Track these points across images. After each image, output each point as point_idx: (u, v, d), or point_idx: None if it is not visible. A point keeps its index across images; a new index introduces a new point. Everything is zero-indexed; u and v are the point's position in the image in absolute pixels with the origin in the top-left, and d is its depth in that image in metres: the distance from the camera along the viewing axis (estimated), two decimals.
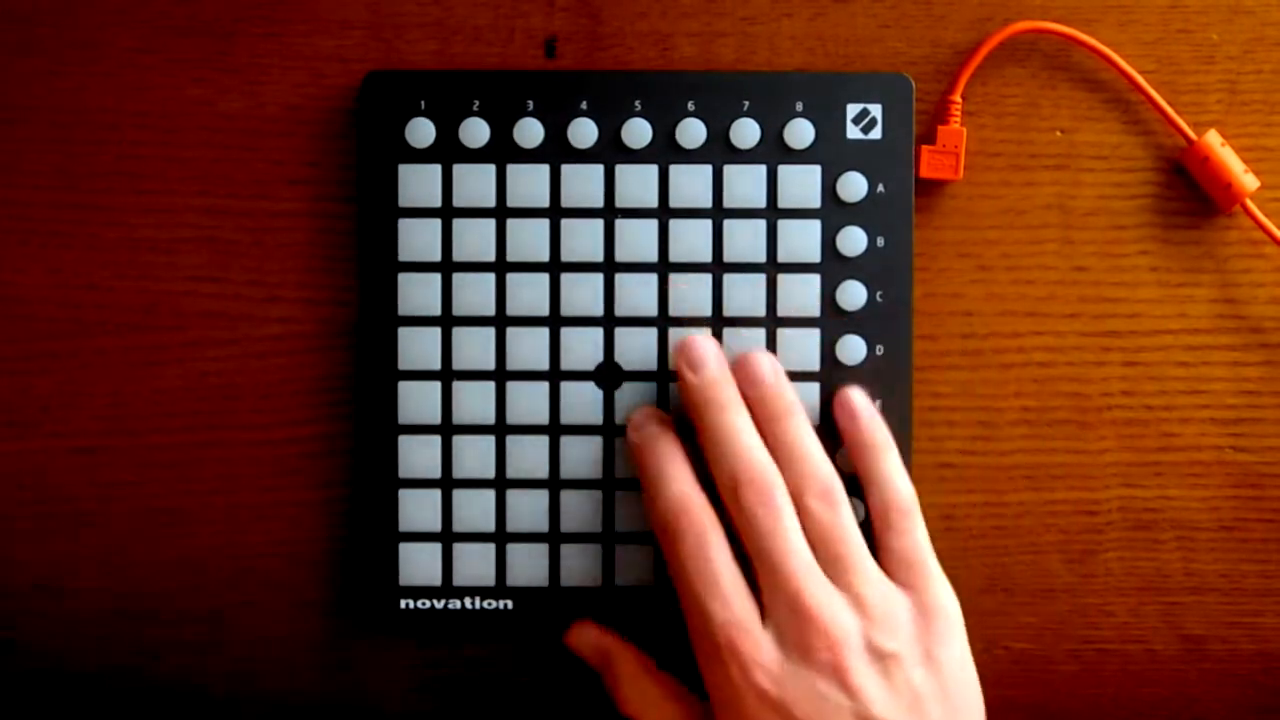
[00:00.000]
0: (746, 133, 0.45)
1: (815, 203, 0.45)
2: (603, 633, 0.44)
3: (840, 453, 0.44)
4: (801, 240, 0.45)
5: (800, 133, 0.45)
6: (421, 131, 0.45)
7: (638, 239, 0.45)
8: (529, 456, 0.45)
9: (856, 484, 0.43)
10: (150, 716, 0.46)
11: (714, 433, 0.42)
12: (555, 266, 0.45)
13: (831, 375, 0.45)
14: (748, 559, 0.41)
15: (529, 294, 0.45)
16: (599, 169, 0.45)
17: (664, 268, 0.45)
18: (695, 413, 0.42)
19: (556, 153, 0.45)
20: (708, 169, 0.45)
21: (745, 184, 0.45)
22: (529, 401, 0.45)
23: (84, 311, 0.46)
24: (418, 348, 0.45)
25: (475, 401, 0.45)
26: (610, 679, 0.44)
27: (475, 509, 0.45)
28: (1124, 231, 0.46)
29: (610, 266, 0.45)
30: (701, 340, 0.43)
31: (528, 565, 0.45)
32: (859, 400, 0.44)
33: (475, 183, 0.45)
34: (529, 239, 0.45)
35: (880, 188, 0.45)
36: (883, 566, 0.42)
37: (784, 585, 0.40)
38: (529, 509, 0.45)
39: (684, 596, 0.41)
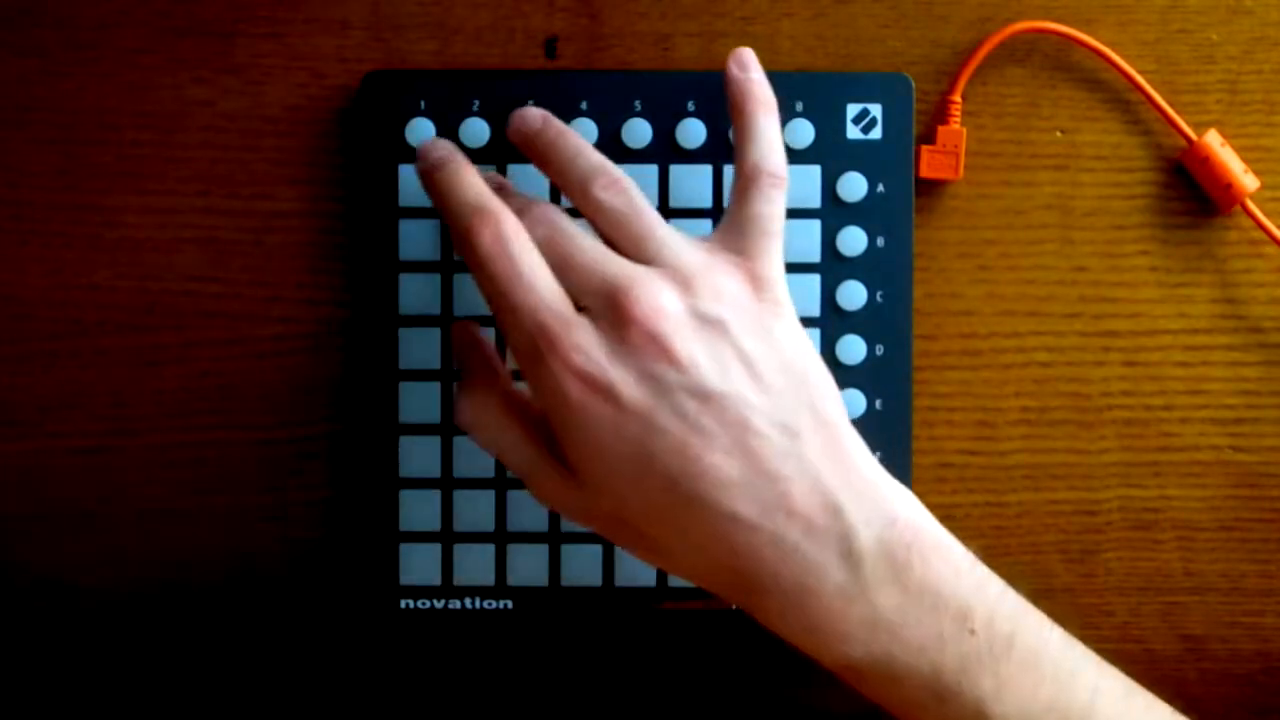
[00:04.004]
0: None
1: (815, 203, 0.45)
2: (473, 331, 0.42)
3: None
4: (801, 240, 0.45)
5: (800, 133, 0.45)
6: (421, 131, 0.45)
7: None
8: None
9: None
10: (150, 716, 0.46)
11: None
12: None
13: (832, 375, 0.45)
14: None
15: None
16: None
17: None
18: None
19: None
20: (708, 169, 0.45)
21: None
22: None
23: (84, 311, 0.46)
24: (418, 348, 0.45)
25: None
26: (458, 386, 0.41)
27: (475, 509, 0.45)
28: (1124, 231, 0.46)
29: None
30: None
31: (528, 565, 0.45)
32: (751, 57, 0.41)
33: None
34: None
35: (880, 188, 0.45)
36: (726, 229, 0.39)
37: (590, 271, 0.37)
38: (529, 509, 0.45)
39: (493, 303, 0.38)
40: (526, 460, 0.39)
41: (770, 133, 0.40)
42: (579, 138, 0.41)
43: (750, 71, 0.41)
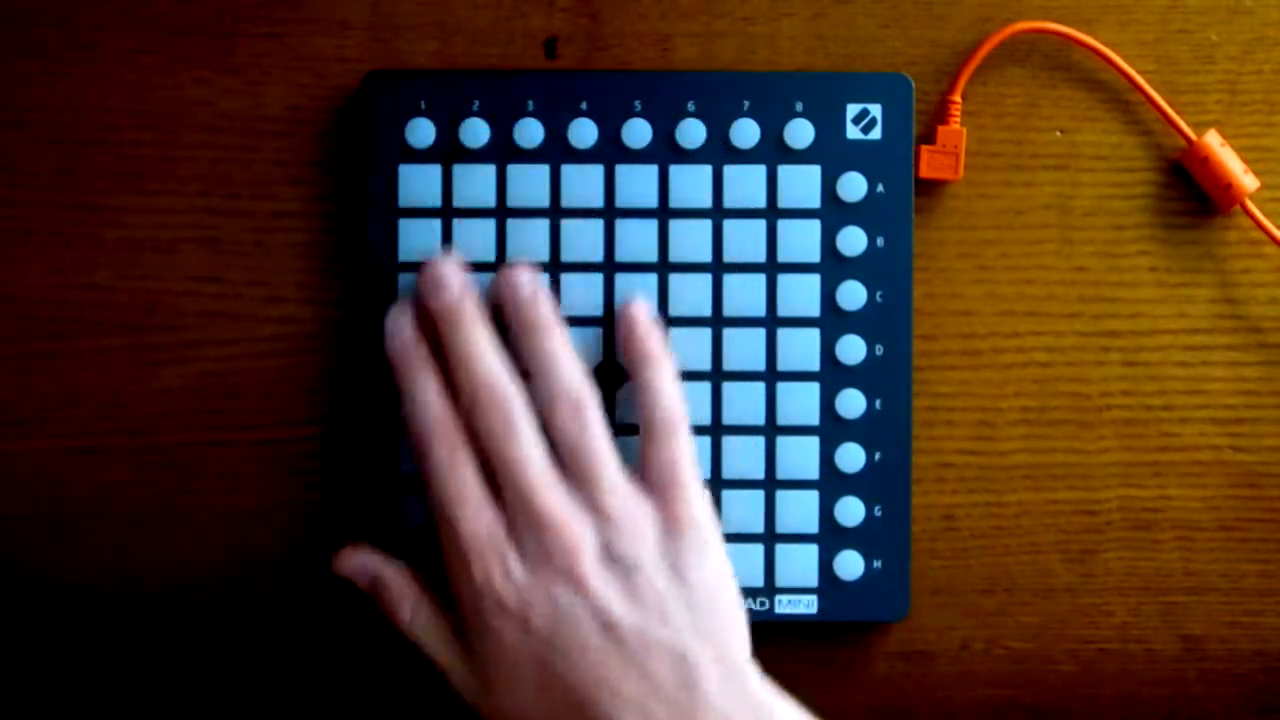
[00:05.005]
0: (746, 133, 0.45)
1: (815, 203, 0.45)
2: (370, 554, 0.44)
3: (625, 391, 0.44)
4: (801, 240, 0.45)
5: (800, 133, 0.45)
6: (421, 131, 0.45)
7: (638, 239, 0.45)
8: None
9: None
10: (149, 716, 0.46)
11: (454, 353, 0.42)
12: (555, 267, 0.45)
13: (831, 375, 0.45)
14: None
15: None
16: (599, 169, 0.45)
17: (664, 268, 0.45)
18: (439, 333, 0.42)
19: (557, 153, 0.45)
20: (708, 169, 0.45)
21: (745, 184, 0.45)
22: None
23: (84, 311, 0.46)
24: None
25: None
26: (386, 602, 0.43)
27: None
28: (1124, 231, 0.46)
29: (610, 266, 0.45)
30: (439, 264, 0.42)
31: None
32: (638, 312, 0.43)
33: (475, 183, 0.45)
34: (529, 239, 0.45)
35: (880, 188, 0.45)
36: (642, 478, 0.42)
37: (520, 497, 0.41)
38: None
39: (434, 510, 0.42)
40: (448, 659, 0.42)
41: (656, 383, 0.43)
42: (562, 335, 0.42)
43: (634, 329, 0.43)
